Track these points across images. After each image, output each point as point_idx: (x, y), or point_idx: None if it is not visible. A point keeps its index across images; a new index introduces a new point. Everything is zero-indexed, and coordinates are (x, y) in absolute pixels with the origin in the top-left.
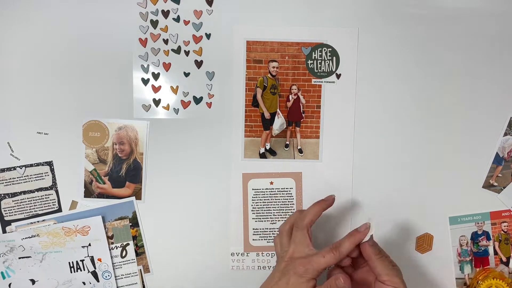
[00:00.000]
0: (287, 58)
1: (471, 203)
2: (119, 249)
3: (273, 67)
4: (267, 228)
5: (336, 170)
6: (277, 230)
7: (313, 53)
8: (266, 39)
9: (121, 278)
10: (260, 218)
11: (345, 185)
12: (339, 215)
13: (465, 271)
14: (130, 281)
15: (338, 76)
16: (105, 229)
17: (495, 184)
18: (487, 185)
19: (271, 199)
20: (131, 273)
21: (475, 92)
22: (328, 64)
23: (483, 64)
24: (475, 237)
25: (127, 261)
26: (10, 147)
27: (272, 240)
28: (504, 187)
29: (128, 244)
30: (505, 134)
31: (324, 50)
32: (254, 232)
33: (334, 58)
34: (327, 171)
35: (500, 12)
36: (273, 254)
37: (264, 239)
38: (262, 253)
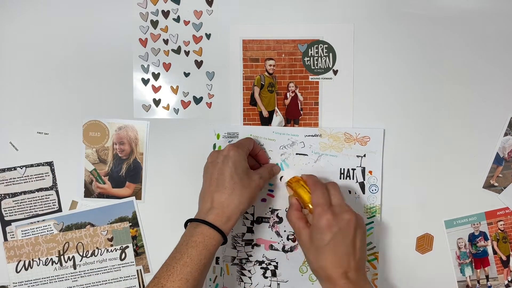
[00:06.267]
0: (283, 55)
1: (471, 204)
2: (118, 252)
3: (270, 65)
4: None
5: None
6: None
7: (310, 50)
8: (262, 37)
9: (119, 280)
10: None
11: None
12: None
13: (466, 273)
14: (129, 284)
15: (335, 72)
16: (105, 231)
17: (496, 184)
18: (488, 185)
19: None
20: (129, 276)
21: (475, 92)
22: (325, 61)
23: (483, 64)
24: (472, 238)
25: (126, 263)
26: (14, 146)
27: None
28: (504, 187)
29: (127, 247)
30: (506, 134)
31: (321, 46)
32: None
33: (331, 54)
34: None
35: (500, 12)
36: None
37: None
38: None
